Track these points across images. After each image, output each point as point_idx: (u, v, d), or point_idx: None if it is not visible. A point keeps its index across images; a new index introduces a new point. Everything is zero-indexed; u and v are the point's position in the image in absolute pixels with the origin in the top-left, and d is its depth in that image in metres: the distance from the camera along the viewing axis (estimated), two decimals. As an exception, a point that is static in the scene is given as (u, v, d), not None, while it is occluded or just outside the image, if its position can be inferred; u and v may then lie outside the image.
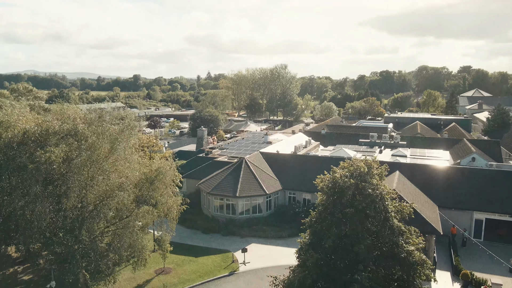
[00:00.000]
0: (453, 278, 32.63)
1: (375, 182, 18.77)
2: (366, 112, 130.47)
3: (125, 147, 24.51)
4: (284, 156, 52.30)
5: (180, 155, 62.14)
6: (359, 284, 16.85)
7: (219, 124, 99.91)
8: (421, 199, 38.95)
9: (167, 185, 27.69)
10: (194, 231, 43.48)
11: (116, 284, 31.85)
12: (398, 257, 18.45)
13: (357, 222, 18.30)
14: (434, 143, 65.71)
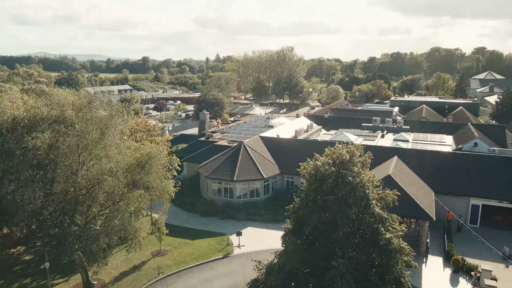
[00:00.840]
0: (444, 264, 32.81)
1: (356, 170, 18.78)
2: (373, 95, 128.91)
3: (114, 133, 24.79)
4: (283, 140, 52.33)
5: (182, 139, 62.71)
6: (336, 270, 17.12)
7: (224, 108, 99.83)
8: (417, 185, 38.86)
9: (159, 169, 28.00)
10: (193, 214, 44.16)
11: (113, 265, 32.99)
12: (377, 244, 18.63)
13: (337, 209, 18.44)
14: (438, 127, 64.90)
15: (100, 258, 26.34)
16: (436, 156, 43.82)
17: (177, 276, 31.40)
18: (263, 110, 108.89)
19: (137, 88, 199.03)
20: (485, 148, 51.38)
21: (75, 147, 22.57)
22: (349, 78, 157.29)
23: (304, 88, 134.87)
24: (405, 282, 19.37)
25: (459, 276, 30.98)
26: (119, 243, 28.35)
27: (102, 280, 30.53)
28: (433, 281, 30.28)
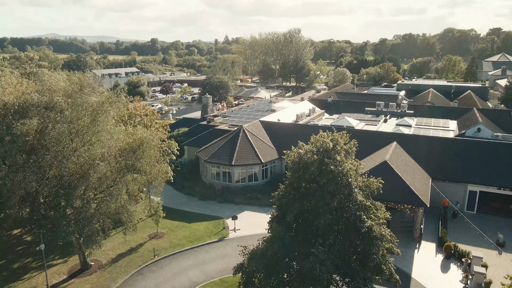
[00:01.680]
0: (437, 250, 32.95)
1: (339, 159, 18.80)
2: (381, 78, 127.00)
3: (106, 119, 25.08)
4: (283, 125, 52.28)
5: (184, 123, 63.01)
6: (315, 257, 17.40)
7: (229, 91, 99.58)
8: (414, 171, 38.71)
9: (151, 154, 28.34)
10: (192, 197, 44.80)
11: (111, 246, 33.92)
12: (359, 231, 18.80)
13: (319, 197, 18.58)
14: (443, 112, 64.01)
15: (95, 240, 27.11)
16: (435, 142, 43.41)
17: (172, 258, 32.14)
18: (268, 93, 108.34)
19: (145, 71, 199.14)
20: (489, 133, 50.73)
21: (66, 133, 22.95)
22: (358, 61, 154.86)
23: (311, 71, 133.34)
24: (386, 269, 19.61)
25: (451, 262, 31.13)
26: (114, 226, 29.05)
27: (100, 261, 31.44)
28: (424, 267, 30.50)
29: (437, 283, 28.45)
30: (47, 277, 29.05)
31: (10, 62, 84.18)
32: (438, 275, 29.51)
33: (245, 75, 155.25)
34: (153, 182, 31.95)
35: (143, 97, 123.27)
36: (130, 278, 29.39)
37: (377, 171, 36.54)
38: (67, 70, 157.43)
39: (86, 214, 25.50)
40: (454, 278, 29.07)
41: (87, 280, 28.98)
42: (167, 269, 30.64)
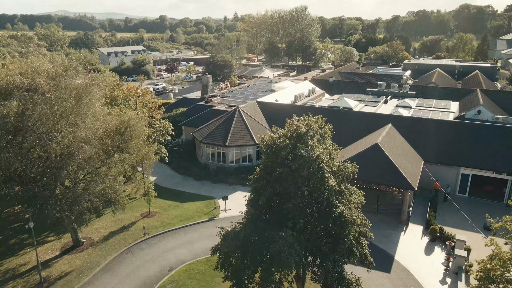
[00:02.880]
0: (424, 232, 33.16)
1: (310, 143, 18.86)
2: (389, 57, 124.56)
3: (91, 101, 25.38)
4: (280, 106, 52.10)
5: (183, 103, 63.23)
6: (283, 240, 17.77)
7: (232, 70, 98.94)
8: (406, 154, 38.54)
9: (138, 135, 28.72)
10: (187, 177, 45.45)
11: (104, 224, 34.92)
12: (331, 215, 19.04)
13: (290, 182, 18.79)
14: (446, 93, 62.89)
15: (84, 220, 27.97)
16: (430, 124, 42.91)
17: (161, 237, 32.99)
18: (272, 72, 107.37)
19: (152, 49, 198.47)
20: (489, 115, 49.93)
21: (49, 115, 23.36)
22: (366, 39, 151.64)
23: (318, 50, 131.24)
24: (357, 251, 19.94)
25: (436, 245, 31.37)
26: (106, 205, 29.73)
27: (92, 239, 32.46)
28: (408, 249, 30.82)
29: (419, 265, 28.79)
30: (40, 253, 30.30)
31: (8, 42, 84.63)
32: (421, 257, 29.83)
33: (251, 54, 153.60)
34: (143, 162, 32.45)
35: (148, 76, 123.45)
36: (120, 255, 30.35)
37: (368, 154, 36.62)
38: (74, 48, 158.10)
39: (74, 194, 26.19)
40: (437, 260, 29.37)
41: (78, 257, 30.03)
42: (156, 248, 31.52)
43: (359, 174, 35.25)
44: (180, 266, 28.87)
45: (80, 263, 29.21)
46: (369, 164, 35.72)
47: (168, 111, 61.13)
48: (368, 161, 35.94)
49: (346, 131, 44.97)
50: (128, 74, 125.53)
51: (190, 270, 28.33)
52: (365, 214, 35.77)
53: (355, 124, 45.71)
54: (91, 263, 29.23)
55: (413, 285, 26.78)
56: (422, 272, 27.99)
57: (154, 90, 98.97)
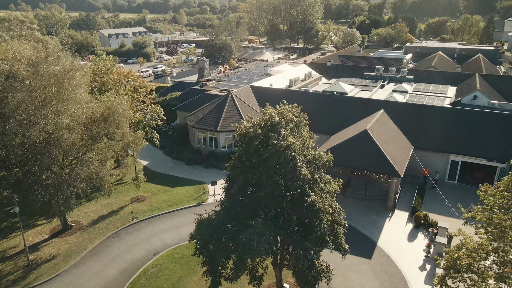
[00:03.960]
0: (409, 219, 33.34)
1: (282, 133, 18.86)
2: (392, 40, 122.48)
3: (73, 87, 25.45)
4: (273, 91, 51.83)
5: (178, 86, 63.05)
6: (253, 229, 18.01)
7: (232, 53, 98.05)
8: (395, 140, 38.39)
9: (123, 122, 28.85)
10: (179, 162, 45.76)
11: (93, 208, 35.49)
12: (303, 204, 19.19)
13: (262, 171, 18.90)
14: (444, 77, 62.01)
15: (69, 205, 28.46)
16: (423, 110, 42.54)
17: (149, 222, 33.51)
18: (273, 55, 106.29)
19: (154, 30, 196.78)
20: (485, 101, 49.40)
21: (30, 102, 23.52)
22: (370, 21, 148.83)
23: (319, 32, 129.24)
24: (329, 240, 20.17)
25: (419, 231, 31.57)
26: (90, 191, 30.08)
27: (81, 222, 33.07)
28: (391, 236, 31.08)
29: (401, 251, 29.08)
30: (30, 237, 31.08)
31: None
32: (403, 244, 30.09)
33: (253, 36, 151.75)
34: (130, 148, 32.72)
35: (148, 58, 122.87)
36: (107, 239, 30.97)
37: (357, 140, 36.57)
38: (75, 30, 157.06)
39: (58, 180, 26.57)
40: (419, 247, 29.62)
41: (66, 240, 30.70)
42: (143, 232, 32.08)
43: (347, 160, 35.77)
44: (165, 250, 29.43)
45: (68, 247, 29.87)
46: (357, 150, 35.75)
47: (163, 95, 61.09)
48: (356, 148, 35.96)
49: (339, 117, 44.84)
50: (128, 57, 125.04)
51: (174, 255, 28.88)
52: (353, 200, 36.48)
53: (348, 110, 45.47)
54: (78, 247, 29.89)
55: (392, 271, 27.12)
56: (403, 258, 28.29)
57: (153, 73, 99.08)
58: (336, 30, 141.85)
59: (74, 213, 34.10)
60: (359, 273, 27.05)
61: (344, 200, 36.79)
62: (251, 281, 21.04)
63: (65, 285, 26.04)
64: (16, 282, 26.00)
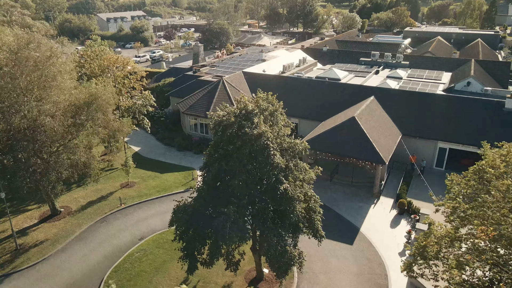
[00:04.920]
0: (393, 206, 33.66)
1: (255, 121, 18.98)
2: (393, 24, 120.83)
3: (55, 74, 25.56)
4: (266, 77, 51.67)
5: (172, 72, 62.87)
6: (226, 216, 18.35)
7: (229, 38, 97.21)
8: (383, 127, 38.41)
9: (107, 108, 29.04)
10: (170, 148, 46.08)
11: (83, 194, 35.98)
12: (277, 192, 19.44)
13: (236, 159, 19.13)
14: (440, 63, 61.42)
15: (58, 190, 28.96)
16: (413, 97, 42.39)
17: (137, 207, 34.01)
18: (271, 40, 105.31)
19: (153, 14, 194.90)
20: (478, 87, 49.09)
21: (10, 89, 23.70)
22: (372, 4, 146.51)
23: (319, 16, 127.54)
24: (303, 227, 20.52)
25: (402, 218, 31.91)
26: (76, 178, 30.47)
27: (70, 208, 33.61)
28: (375, 222, 31.45)
29: (383, 237, 29.48)
30: (19, 221, 31.71)
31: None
32: (386, 230, 30.48)
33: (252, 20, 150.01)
34: (117, 134, 32.99)
35: (146, 43, 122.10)
36: (94, 224, 31.53)
37: (344, 127, 36.65)
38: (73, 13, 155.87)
39: (42, 167, 26.95)
40: (400, 233, 29.98)
41: (55, 225, 31.29)
42: (130, 217, 32.61)
43: (334, 147, 35.94)
44: (151, 236, 29.96)
45: (55, 231, 30.47)
46: (344, 137, 35.86)
47: (157, 80, 61.08)
48: (343, 135, 36.07)
49: (330, 103, 44.78)
50: (126, 41, 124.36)
51: (159, 240, 29.40)
52: (340, 186, 36.79)
53: (339, 96, 45.37)
54: (66, 232, 30.47)
55: (372, 256, 27.57)
56: (384, 244, 28.70)
57: (150, 58, 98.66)
58: (337, 14, 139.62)
59: (64, 199, 34.71)
60: (339, 258, 27.52)
61: (331, 186, 37.21)
62: (228, 266, 21.49)
63: (51, 268, 26.69)
64: (3, 266, 26.67)
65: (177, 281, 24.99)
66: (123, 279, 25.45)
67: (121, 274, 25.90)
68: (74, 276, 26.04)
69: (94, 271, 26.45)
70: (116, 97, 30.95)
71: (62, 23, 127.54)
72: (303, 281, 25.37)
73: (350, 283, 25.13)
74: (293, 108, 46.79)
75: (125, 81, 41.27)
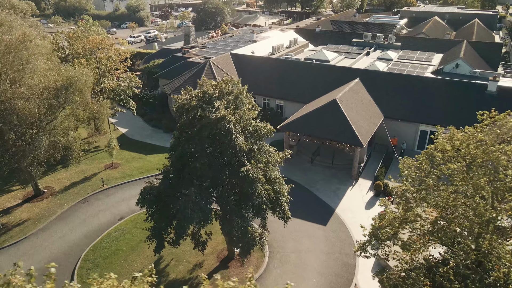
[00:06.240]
0: (370, 187, 34.16)
1: (216, 105, 19.24)
2: (392, 3, 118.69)
3: (28, 57, 25.76)
4: (254, 58, 51.46)
5: (162, 53, 62.62)
6: (187, 197, 18.87)
7: (224, 18, 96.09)
8: (365, 110, 38.50)
9: (85, 91, 29.30)
10: (157, 130, 46.49)
11: (67, 175, 36.64)
12: (239, 174, 19.88)
13: (197, 142, 19.51)
14: (432, 44, 60.64)
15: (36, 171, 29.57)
16: (399, 79, 42.24)
17: (119, 188, 34.68)
18: (266, 20, 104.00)
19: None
20: (467, 69, 48.71)
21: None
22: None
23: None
24: (265, 208, 21.04)
25: (378, 199, 32.35)
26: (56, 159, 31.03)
27: (53, 188, 34.34)
28: (350, 203, 32.01)
29: (356, 218, 30.04)
30: (4, 201, 32.53)
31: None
32: (360, 211, 31.06)
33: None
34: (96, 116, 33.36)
35: (142, 23, 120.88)
36: (76, 204, 32.27)
37: (325, 110, 36.80)
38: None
39: (19, 149, 27.47)
40: (374, 214, 30.45)
41: (37, 205, 32.06)
42: (112, 198, 33.32)
43: (315, 130, 36.17)
44: (130, 216, 30.70)
45: (38, 211, 31.25)
46: (325, 120, 36.07)
47: (148, 61, 60.96)
48: (324, 117, 36.26)
49: (317, 85, 44.75)
50: (122, 21, 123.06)
51: (137, 220, 30.10)
52: (320, 168, 37.24)
53: (326, 78, 45.29)
54: (48, 211, 31.26)
55: (344, 236, 28.23)
56: (357, 226, 29.24)
57: (145, 39, 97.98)
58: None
59: (48, 179, 35.44)
60: (312, 238, 28.18)
61: (312, 168, 37.66)
62: (196, 246, 22.18)
63: (31, 247, 27.56)
64: (-15, 244, 27.58)
65: (151, 260, 25.76)
66: (99, 257, 26.29)
67: (98, 252, 26.73)
68: (53, 254, 26.89)
69: (72, 250, 27.29)
70: (94, 79, 31.08)
71: (57, 2, 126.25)
72: (274, 260, 26.11)
73: (318, 262, 25.87)
74: (279, 90, 47.01)
75: (108, 62, 41.28)
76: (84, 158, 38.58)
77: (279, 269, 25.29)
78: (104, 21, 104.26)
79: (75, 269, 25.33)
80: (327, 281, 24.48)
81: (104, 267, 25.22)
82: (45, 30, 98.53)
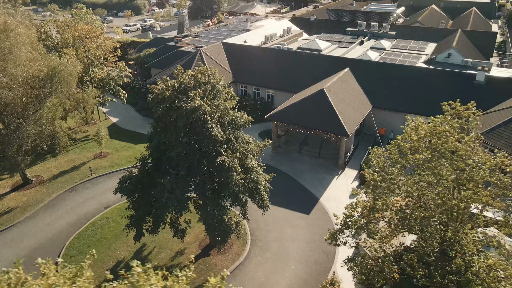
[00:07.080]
0: (356, 177, 34.40)
1: (191, 95, 19.37)
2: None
3: (10, 47, 25.84)
4: (245, 48, 51.27)
5: (155, 42, 62.41)
6: (162, 186, 19.16)
7: (221, 6, 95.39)
8: (353, 100, 38.52)
9: (70, 81, 29.42)
10: (148, 119, 46.43)
11: (56, 164, 36.98)
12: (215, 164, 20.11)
13: (173, 131, 19.71)
14: (427, 34, 60.24)
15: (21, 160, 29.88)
16: (387, 69, 42.16)
17: (107, 177, 35.01)
18: (264, 8, 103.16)
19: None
20: (459, 59, 48.44)
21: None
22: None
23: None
24: (242, 197, 21.32)
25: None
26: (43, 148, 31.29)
27: (42, 177, 34.69)
28: (335, 193, 32.29)
29: (340, 208, 30.09)
30: (-8, 190, 32.87)
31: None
32: (344, 200, 31.26)
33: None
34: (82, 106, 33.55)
35: (139, 11, 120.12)
36: (64, 193, 32.65)
37: (313, 99, 36.87)
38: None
39: (8, 138, 27.74)
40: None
41: (25, 194, 32.46)
42: (99, 186, 33.67)
43: (302, 119, 36.28)
44: (116, 204, 31.08)
45: (26, 200, 31.67)
46: (312, 109, 36.17)
47: (141, 50, 60.84)
48: (311, 107, 36.34)
49: (308, 75, 44.69)
50: (119, 9, 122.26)
51: (123, 208, 30.07)
52: (308, 158, 37.44)
53: (317, 68, 45.21)
54: (36, 200, 31.66)
55: (326, 225, 28.55)
56: (339, 214, 29.49)
57: (141, 27, 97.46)
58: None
59: (37, 168, 35.82)
60: (294, 227, 28.53)
61: (299, 158, 37.88)
62: (175, 234, 22.53)
63: (18, 234, 28.01)
64: (-28, 232, 28.04)
65: (134, 247, 26.22)
66: (83, 245, 26.74)
67: (82, 240, 27.18)
68: (39, 241, 27.35)
69: (58, 237, 27.73)
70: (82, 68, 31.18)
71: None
72: (255, 248, 26.51)
73: (299, 250, 26.24)
74: (270, 79, 46.98)
75: (97, 52, 41.27)
76: (73, 147, 38.97)
77: (260, 257, 25.69)
78: (100, 9, 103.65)
79: (59, 256, 25.76)
80: (306, 268, 24.88)
81: (87, 255, 25.62)
82: (41, 19, 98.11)
